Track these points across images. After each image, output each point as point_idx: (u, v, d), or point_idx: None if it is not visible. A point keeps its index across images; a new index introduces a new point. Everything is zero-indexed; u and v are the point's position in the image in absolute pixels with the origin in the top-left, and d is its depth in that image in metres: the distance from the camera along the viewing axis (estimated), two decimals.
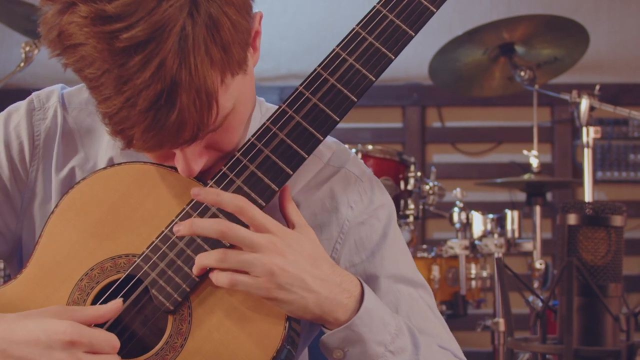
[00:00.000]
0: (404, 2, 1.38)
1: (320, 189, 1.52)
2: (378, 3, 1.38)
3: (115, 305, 1.33)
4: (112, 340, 1.29)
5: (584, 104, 3.34)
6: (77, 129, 1.54)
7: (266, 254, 1.29)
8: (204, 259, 1.32)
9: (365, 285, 1.39)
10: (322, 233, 1.50)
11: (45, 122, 1.53)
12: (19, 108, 1.55)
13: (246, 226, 1.31)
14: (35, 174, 1.52)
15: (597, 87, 3.41)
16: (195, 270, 1.32)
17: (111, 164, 1.47)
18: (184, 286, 1.33)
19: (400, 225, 3.55)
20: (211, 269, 1.32)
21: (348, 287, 1.36)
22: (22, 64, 3.73)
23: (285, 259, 1.30)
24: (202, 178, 1.38)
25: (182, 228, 1.31)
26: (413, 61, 2.91)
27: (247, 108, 1.37)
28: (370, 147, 3.46)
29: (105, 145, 1.53)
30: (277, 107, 1.40)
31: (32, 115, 1.54)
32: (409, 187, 3.57)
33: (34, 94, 1.57)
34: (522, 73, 3.79)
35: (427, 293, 1.52)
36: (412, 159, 3.59)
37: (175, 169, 1.40)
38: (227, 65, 1.23)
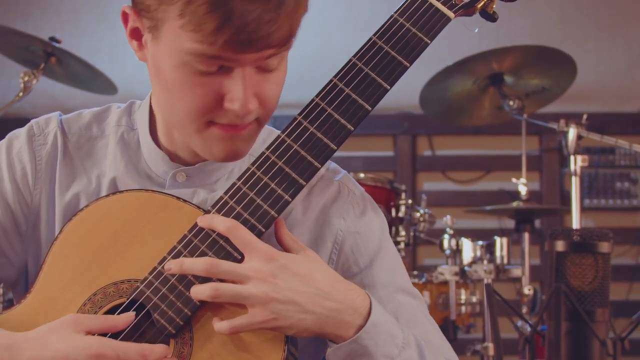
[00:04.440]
0: (399, 34, 1.40)
1: (312, 202, 1.54)
2: (374, 35, 1.41)
3: (128, 316, 1.35)
4: (142, 350, 1.30)
5: (572, 133, 3.36)
6: (77, 154, 1.57)
7: (254, 284, 1.31)
8: (198, 295, 1.34)
9: (373, 299, 1.38)
10: (317, 246, 1.52)
11: (46, 147, 1.56)
12: (19, 135, 1.57)
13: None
14: (39, 198, 1.54)
15: (585, 117, 3.43)
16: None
17: (113, 191, 1.49)
18: (185, 310, 1.35)
19: None
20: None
21: (352, 303, 1.35)
22: (21, 94, 3.76)
23: (275, 285, 1.31)
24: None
25: (173, 267, 1.35)
26: (404, 91, 2.92)
27: (283, 83, 1.43)
28: (362, 175, 3.49)
29: (107, 168, 1.55)
30: (277, 134, 1.42)
31: (33, 141, 1.56)
32: (400, 215, 3.59)
33: (32, 121, 1.59)
34: (511, 102, 3.79)
35: (423, 303, 1.54)
36: (403, 187, 3.62)
37: (176, 197, 1.44)
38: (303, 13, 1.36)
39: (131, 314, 1.36)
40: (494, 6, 1.45)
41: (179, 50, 1.32)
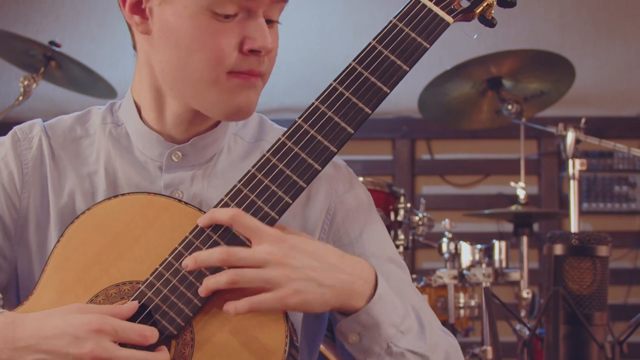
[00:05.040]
0: (399, 38, 1.41)
1: None
2: (374, 39, 1.42)
3: (132, 305, 1.36)
4: (142, 330, 1.32)
5: (570, 136, 3.36)
6: (65, 155, 1.58)
7: (272, 267, 1.33)
8: (215, 284, 1.35)
9: (376, 271, 1.43)
10: (309, 216, 1.57)
11: (32, 151, 1.57)
12: (3, 142, 1.59)
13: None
14: (27, 202, 1.55)
15: (583, 121, 3.43)
16: (202, 292, 1.36)
17: (115, 194, 1.50)
18: (186, 311, 1.36)
19: None
20: (216, 298, 1.37)
21: (361, 274, 1.40)
22: (20, 98, 3.78)
23: (291, 266, 1.34)
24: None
25: (189, 263, 1.36)
26: (403, 95, 2.94)
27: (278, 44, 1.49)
28: (361, 178, 3.49)
29: (101, 164, 1.57)
30: (270, 125, 1.46)
31: (18, 146, 1.58)
32: (399, 218, 3.59)
33: (15, 127, 1.61)
34: (510, 106, 3.80)
35: (408, 274, 1.60)
36: (402, 191, 3.62)
37: (177, 199, 1.45)
38: None
39: (134, 303, 1.37)
40: (493, 12, 1.46)
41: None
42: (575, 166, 3.36)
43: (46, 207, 1.56)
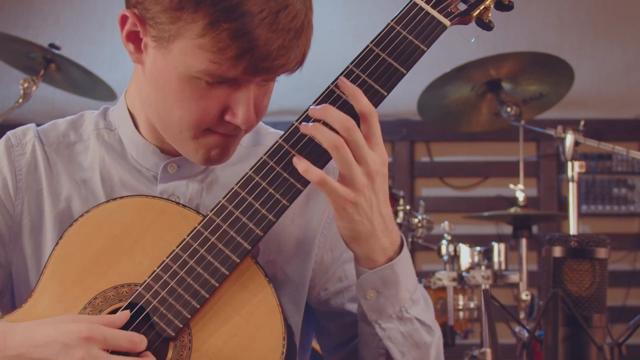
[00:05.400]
0: (396, 41, 1.42)
1: None
2: (371, 42, 1.42)
3: (124, 315, 1.36)
4: (131, 337, 1.32)
5: (569, 139, 3.36)
6: (59, 160, 1.58)
7: (363, 174, 1.37)
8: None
9: (403, 237, 1.48)
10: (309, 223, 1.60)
11: (25, 156, 1.57)
12: None
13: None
14: (20, 207, 1.55)
15: (582, 123, 3.43)
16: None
17: (114, 197, 1.50)
18: (184, 313, 1.37)
19: None
20: (214, 300, 1.38)
21: (392, 235, 1.44)
22: (20, 100, 3.78)
23: (374, 186, 1.38)
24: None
25: (317, 110, 1.37)
26: (402, 97, 2.94)
27: (270, 96, 1.49)
28: None
29: (94, 169, 1.57)
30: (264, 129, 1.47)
31: (11, 152, 1.58)
32: (398, 220, 3.61)
33: (9, 133, 1.61)
34: (509, 109, 3.81)
35: None
36: (401, 193, 3.63)
37: (175, 202, 1.46)
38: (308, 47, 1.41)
39: (126, 312, 1.37)
40: (490, 15, 1.46)
41: (191, 66, 1.36)
42: (574, 168, 3.36)
43: (41, 213, 1.56)
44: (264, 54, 1.32)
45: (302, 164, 1.36)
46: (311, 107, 1.40)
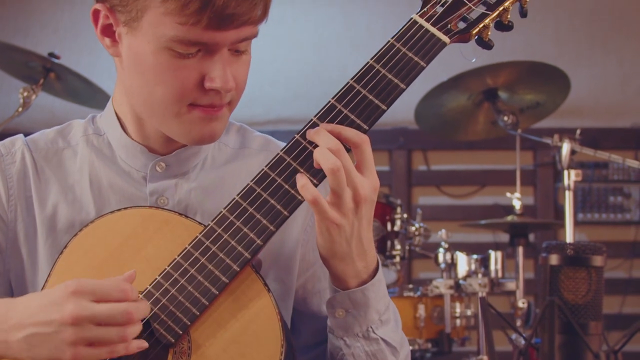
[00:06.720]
0: (396, 58, 1.44)
1: None
2: (371, 59, 1.44)
3: (129, 273, 1.40)
4: (119, 285, 1.35)
5: (565, 147, 3.37)
6: (48, 166, 1.61)
7: (350, 195, 1.40)
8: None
9: (379, 261, 1.52)
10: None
11: (15, 165, 1.60)
12: None
13: None
14: (14, 214, 1.58)
15: (578, 132, 3.44)
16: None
17: (117, 208, 1.52)
18: (184, 320, 1.38)
19: (387, 266, 3.60)
20: (214, 307, 1.40)
21: (367, 259, 1.47)
22: (20, 109, 3.79)
23: (360, 210, 1.41)
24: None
25: (311, 132, 1.41)
26: (399, 106, 2.94)
27: (249, 66, 1.51)
28: None
29: (84, 174, 1.60)
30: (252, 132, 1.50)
31: (1, 161, 1.60)
32: (396, 229, 3.62)
33: None
34: (505, 118, 3.81)
35: None
36: (399, 201, 3.64)
37: (178, 213, 1.48)
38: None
39: (131, 272, 1.40)
40: (489, 33, 1.48)
41: (161, 36, 1.41)
42: (570, 177, 3.38)
43: (32, 219, 1.58)
44: (224, 2, 1.36)
45: (301, 180, 1.40)
46: (312, 119, 1.43)
